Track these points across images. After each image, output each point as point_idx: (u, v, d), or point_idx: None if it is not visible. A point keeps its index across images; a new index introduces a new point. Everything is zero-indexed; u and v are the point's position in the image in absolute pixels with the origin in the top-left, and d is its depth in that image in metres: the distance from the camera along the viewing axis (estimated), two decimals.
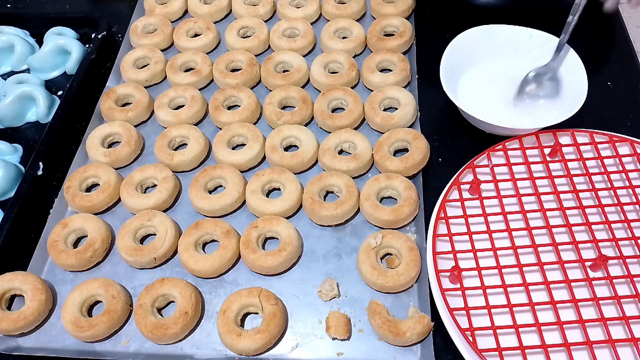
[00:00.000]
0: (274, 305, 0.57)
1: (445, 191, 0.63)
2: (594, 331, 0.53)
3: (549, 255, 0.59)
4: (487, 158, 0.66)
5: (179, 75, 0.80)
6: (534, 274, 0.58)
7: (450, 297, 0.55)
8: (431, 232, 0.60)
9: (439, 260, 0.58)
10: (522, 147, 0.66)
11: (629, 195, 0.63)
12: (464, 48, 0.73)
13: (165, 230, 0.64)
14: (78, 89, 0.78)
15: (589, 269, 0.58)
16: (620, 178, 0.65)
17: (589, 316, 0.54)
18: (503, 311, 0.55)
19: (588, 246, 0.60)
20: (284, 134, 0.72)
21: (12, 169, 0.71)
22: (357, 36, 0.83)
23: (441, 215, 0.61)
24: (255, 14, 0.89)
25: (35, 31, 0.90)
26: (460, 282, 0.56)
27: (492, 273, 0.58)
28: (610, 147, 0.67)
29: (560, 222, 0.61)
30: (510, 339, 0.53)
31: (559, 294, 0.56)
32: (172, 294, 0.59)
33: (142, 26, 0.87)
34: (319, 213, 0.64)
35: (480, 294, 0.56)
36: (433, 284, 0.57)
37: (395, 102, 0.74)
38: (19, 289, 0.61)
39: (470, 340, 0.52)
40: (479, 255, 0.59)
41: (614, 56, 0.70)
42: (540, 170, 0.66)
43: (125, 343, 0.59)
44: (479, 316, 0.55)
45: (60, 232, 0.64)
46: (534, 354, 0.53)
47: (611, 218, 0.61)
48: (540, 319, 0.53)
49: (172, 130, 0.73)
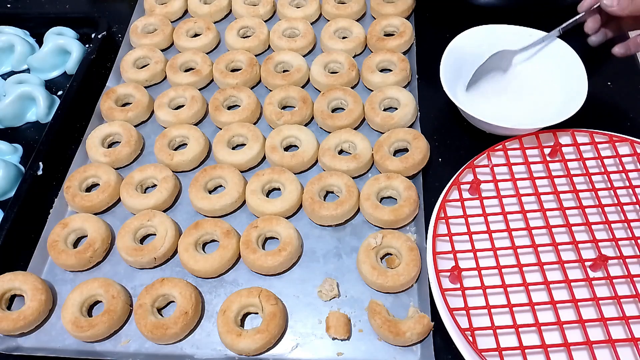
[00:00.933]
0: (274, 305, 0.57)
1: (445, 191, 0.63)
2: (594, 331, 0.53)
3: (549, 255, 0.59)
4: (487, 158, 0.66)
5: (179, 75, 0.80)
6: (534, 274, 0.58)
7: (450, 297, 0.55)
8: (431, 232, 0.60)
9: (439, 260, 0.58)
10: (522, 147, 0.66)
11: (629, 195, 0.63)
12: (464, 48, 0.73)
13: (165, 230, 0.64)
14: (78, 89, 0.78)
15: (589, 269, 0.58)
16: (620, 178, 0.65)
17: (589, 316, 0.54)
18: (503, 311, 0.55)
19: (588, 246, 0.60)
20: (284, 134, 0.72)
21: (12, 169, 0.71)
22: (357, 36, 0.83)
23: (441, 215, 0.61)
24: (255, 14, 0.89)
25: (35, 31, 0.90)
26: (460, 282, 0.56)
27: (492, 273, 0.58)
28: (610, 147, 0.67)
29: (560, 222, 0.61)
30: (510, 339, 0.53)
31: (559, 294, 0.56)
32: (172, 294, 0.59)
33: (142, 26, 0.87)
34: (319, 213, 0.64)
35: (480, 294, 0.56)
36: (433, 284, 0.57)
37: (395, 102, 0.74)
38: (19, 289, 0.61)
39: (470, 340, 0.52)
40: (479, 255, 0.58)
41: (614, 56, 0.70)
42: (540, 170, 0.66)
43: (125, 343, 0.59)
44: (479, 316, 0.55)
45: (60, 232, 0.64)
46: (534, 354, 0.52)
47: (611, 218, 0.61)
48: (540, 319, 0.53)
49: (172, 130, 0.73)
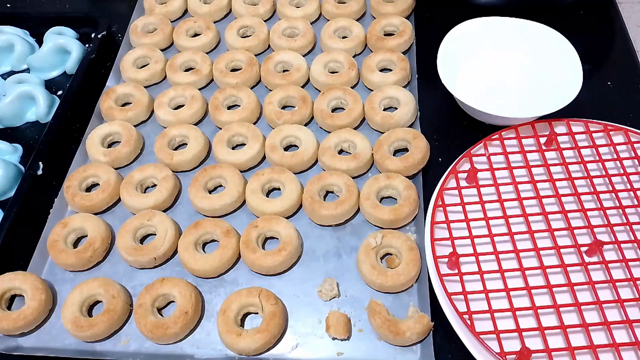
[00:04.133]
0: (274, 305, 0.57)
1: (443, 180, 0.64)
2: (590, 314, 0.55)
3: (545, 241, 0.60)
4: (484, 147, 0.67)
5: (178, 74, 0.80)
6: (530, 259, 0.59)
7: (448, 282, 0.56)
8: (429, 219, 0.61)
9: (437, 246, 0.59)
10: (518, 137, 0.67)
11: (623, 183, 0.64)
12: (461, 40, 0.74)
13: (165, 230, 0.64)
14: (78, 88, 0.78)
15: (585, 254, 0.58)
16: (615, 166, 0.66)
17: (584, 299, 0.55)
18: (500, 295, 0.56)
19: (583, 232, 0.61)
20: (283, 133, 0.72)
21: (12, 169, 0.71)
22: (357, 35, 0.83)
23: (439, 203, 0.62)
24: (255, 13, 0.89)
25: (35, 31, 0.90)
26: (458, 267, 0.57)
27: (489, 259, 0.59)
28: (604, 136, 0.68)
29: (556, 208, 0.62)
30: (508, 322, 0.54)
31: (555, 279, 0.57)
32: (172, 294, 0.59)
33: (142, 26, 0.87)
34: (319, 213, 0.64)
35: (478, 279, 0.56)
36: (431, 269, 0.57)
37: (395, 101, 0.74)
38: (19, 289, 0.61)
39: (468, 324, 0.52)
40: (476, 242, 0.59)
41: (613, 55, 0.70)
42: (536, 159, 0.67)
43: (125, 343, 0.59)
44: (476, 301, 0.55)
45: (60, 232, 0.64)
46: (531, 336, 0.53)
47: (606, 205, 0.62)
48: (537, 303, 0.54)
49: (172, 130, 0.73)
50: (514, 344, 0.52)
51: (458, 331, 0.54)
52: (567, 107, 0.65)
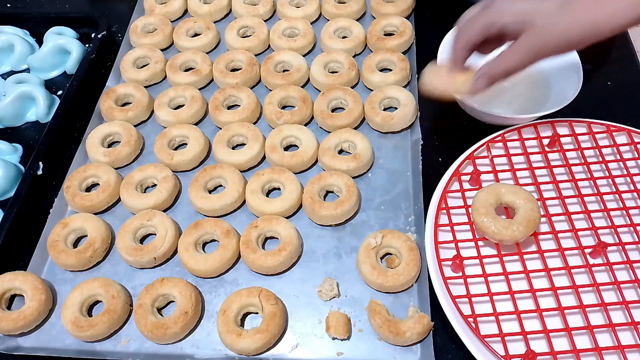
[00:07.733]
0: (274, 305, 0.57)
1: (446, 182, 0.64)
2: (595, 316, 0.54)
3: (549, 243, 0.60)
4: (487, 149, 0.67)
5: (178, 74, 0.80)
6: (534, 261, 0.59)
7: (452, 285, 0.56)
8: (432, 222, 0.61)
9: (440, 249, 0.58)
10: (520, 138, 0.67)
11: (626, 184, 0.64)
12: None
13: (165, 230, 0.64)
14: (78, 88, 0.78)
15: (589, 256, 0.58)
16: (618, 167, 0.66)
17: (589, 301, 0.55)
18: (505, 298, 0.56)
19: (587, 234, 0.60)
20: (283, 133, 0.72)
21: (12, 169, 0.71)
22: (357, 36, 0.83)
23: (442, 206, 0.62)
24: (255, 13, 0.89)
25: (35, 31, 0.90)
26: (462, 270, 0.57)
27: (493, 261, 0.59)
28: (607, 137, 0.67)
29: (559, 210, 0.62)
30: (512, 325, 0.54)
31: (560, 281, 0.57)
32: (172, 294, 0.59)
33: (142, 26, 0.87)
34: (319, 213, 0.64)
35: (482, 282, 0.56)
36: (435, 273, 0.57)
37: (395, 101, 0.74)
38: (19, 289, 0.61)
39: (472, 327, 0.52)
40: (480, 244, 0.59)
41: (614, 55, 0.69)
42: (539, 161, 0.67)
43: (125, 343, 0.59)
44: (480, 303, 0.55)
45: (60, 232, 0.64)
46: (536, 339, 0.53)
47: (609, 206, 0.61)
48: (542, 305, 0.54)
49: (172, 130, 0.73)
50: (518, 347, 0.52)
51: (461, 334, 0.53)
52: (568, 108, 0.65)
